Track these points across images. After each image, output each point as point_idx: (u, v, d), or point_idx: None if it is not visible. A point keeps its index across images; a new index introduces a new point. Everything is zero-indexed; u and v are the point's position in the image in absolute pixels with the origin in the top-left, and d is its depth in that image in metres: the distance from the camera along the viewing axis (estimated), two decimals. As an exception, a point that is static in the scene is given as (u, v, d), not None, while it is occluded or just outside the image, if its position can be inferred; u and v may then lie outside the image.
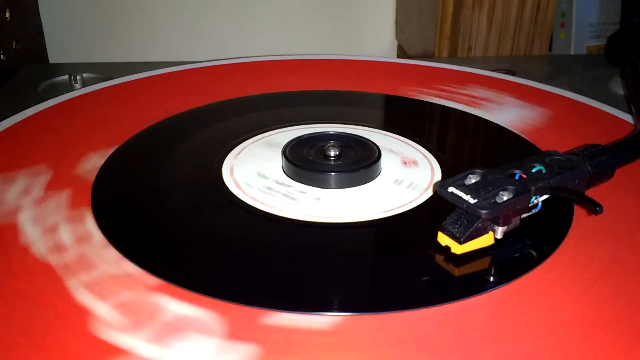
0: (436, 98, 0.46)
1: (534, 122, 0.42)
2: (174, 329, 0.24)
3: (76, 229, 0.30)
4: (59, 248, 0.28)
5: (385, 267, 0.28)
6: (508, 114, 0.44)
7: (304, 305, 0.25)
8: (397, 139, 0.40)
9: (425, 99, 0.46)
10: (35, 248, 0.28)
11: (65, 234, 0.29)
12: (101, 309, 0.25)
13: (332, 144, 0.35)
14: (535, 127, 0.42)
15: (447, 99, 0.46)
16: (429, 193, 0.33)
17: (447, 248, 0.28)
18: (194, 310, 0.25)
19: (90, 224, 0.30)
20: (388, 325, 0.24)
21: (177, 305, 0.25)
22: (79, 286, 0.26)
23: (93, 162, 0.36)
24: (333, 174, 0.34)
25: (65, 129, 0.40)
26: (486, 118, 0.43)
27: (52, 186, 0.33)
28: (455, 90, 0.48)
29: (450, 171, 0.35)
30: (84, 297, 0.25)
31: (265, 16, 0.78)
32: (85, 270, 0.27)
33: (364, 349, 0.23)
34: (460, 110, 0.44)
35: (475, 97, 0.47)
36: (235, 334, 0.24)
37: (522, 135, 0.40)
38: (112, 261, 0.27)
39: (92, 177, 0.34)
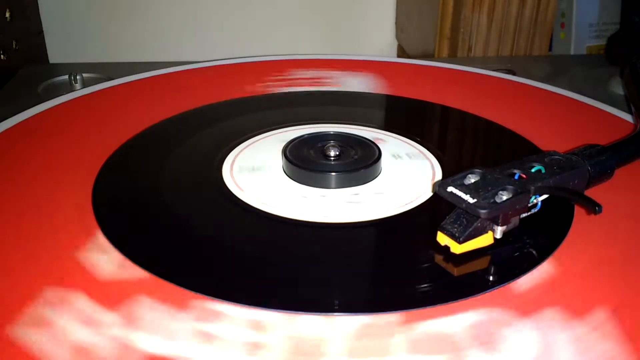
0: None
1: (528, 119, 0.42)
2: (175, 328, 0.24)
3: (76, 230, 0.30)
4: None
5: (384, 267, 0.28)
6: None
7: (303, 305, 0.25)
8: (397, 139, 0.40)
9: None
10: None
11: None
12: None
13: (332, 144, 0.35)
14: (529, 124, 0.41)
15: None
16: (429, 193, 0.33)
17: (447, 248, 0.28)
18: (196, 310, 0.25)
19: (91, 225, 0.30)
20: (386, 325, 0.24)
21: (177, 305, 0.25)
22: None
23: (93, 163, 0.36)
24: (333, 174, 0.34)
25: (65, 130, 0.40)
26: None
27: (52, 188, 0.34)
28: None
29: (451, 171, 0.35)
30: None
31: (265, 16, 0.78)
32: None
33: (362, 348, 0.23)
34: (460, 110, 0.44)
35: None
36: (244, 335, 0.24)
37: (521, 135, 0.40)
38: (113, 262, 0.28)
39: (92, 177, 0.34)
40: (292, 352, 0.23)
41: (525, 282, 0.27)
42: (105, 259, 0.28)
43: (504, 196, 0.27)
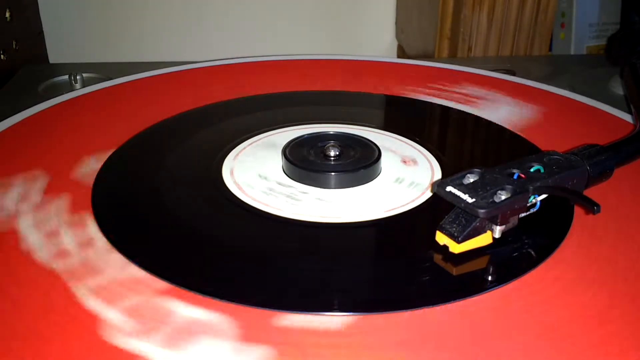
0: (432, 97, 0.46)
1: (528, 119, 0.42)
2: (182, 332, 0.24)
3: (78, 233, 0.30)
4: (62, 253, 0.28)
5: (384, 267, 0.28)
6: (503, 112, 0.44)
7: (303, 305, 0.25)
8: (397, 139, 0.40)
9: (422, 99, 0.46)
10: (38, 255, 0.28)
11: (67, 238, 0.29)
12: (109, 315, 0.25)
13: (332, 144, 0.35)
14: (529, 124, 0.42)
15: (444, 98, 0.46)
16: (429, 193, 0.33)
17: (446, 247, 0.28)
18: (199, 313, 0.25)
19: (92, 227, 0.30)
20: (386, 325, 0.24)
21: (183, 308, 0.25)
22: (86, 292, 0.26)
23: (93, 163, 0.36)
24: (333, 174, 0.34)
25: (65, 130, 0.40)
26: (482, 116, 0.43)
27: (52, 188, 0.34)
28: (450, 89, 0.48)
29: (450, 171, 0.35)
30: (92, 303, 0.25)
31: (265, 16, 0.78)
32: (91, 275, 0.27)
33: (362, 348, 0.23)
34: (460, 110, 0.44)
35: (469, 95, 0.47)
36: (244, 335, 0.24)
37: (522, 135, 0.40)
38: (115, 264, 0.27)
39: (92, 178, 0.34)
40: (292, 351, 0.23)
41: (525, 282, 0.27)
42: (105, 259, 0.28)
43: (503, 196, 0.27)
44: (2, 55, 0.56)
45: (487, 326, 0.24)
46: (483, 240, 0.28)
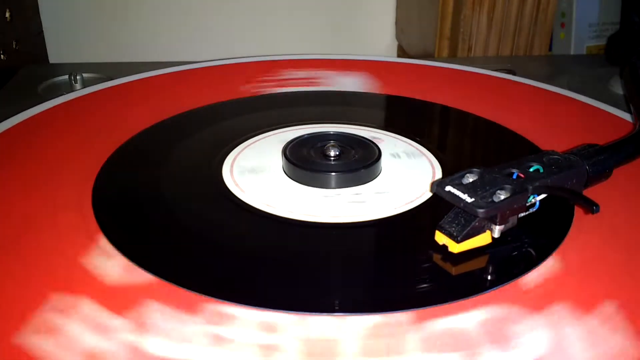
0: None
1: (527, 119, 0.42)
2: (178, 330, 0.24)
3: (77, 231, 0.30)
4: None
5: (383, 267, 0.28)
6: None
7: (303, 305, 0.25)
8: (397, 139, 0.40)
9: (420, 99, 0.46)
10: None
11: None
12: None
13: (332, 144, 0.36)
14: (529, 124, 0.42)
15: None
16: (429, 193, 0.33)
17: (445, 247, 0.28)
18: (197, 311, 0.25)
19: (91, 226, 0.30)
20: (383, 325, 0.24)
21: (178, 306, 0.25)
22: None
23: (93, 163, 0.36)
24: (333, 174, 0.34)
25: (65, 130, 0.40)
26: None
27: (52, 188, 0.34)
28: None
29: (451, 171, 0.35)
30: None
31: (265, 16, 0.78)
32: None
33: (358, 349, 0.23)
34: (460, 110, 0.44)
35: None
36: (238, 333, 0.24)
37: (521, 135, 0.40)
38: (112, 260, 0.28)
39: (92, 177, 0.34)
40: (297, 352, 0.23)
41: (525, 282, 0.27)
42: (106, 261, 0.28)
43: (502, 195, 0.27)
44: (2, 55, 0.56)
45: (486, 326, 0.24)
46: (482, 240, 0.28)
